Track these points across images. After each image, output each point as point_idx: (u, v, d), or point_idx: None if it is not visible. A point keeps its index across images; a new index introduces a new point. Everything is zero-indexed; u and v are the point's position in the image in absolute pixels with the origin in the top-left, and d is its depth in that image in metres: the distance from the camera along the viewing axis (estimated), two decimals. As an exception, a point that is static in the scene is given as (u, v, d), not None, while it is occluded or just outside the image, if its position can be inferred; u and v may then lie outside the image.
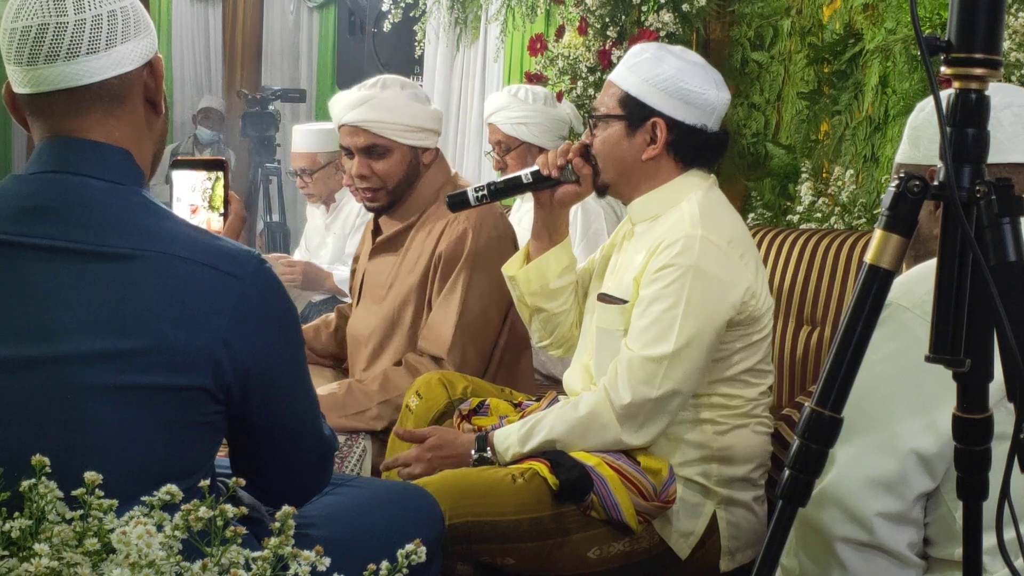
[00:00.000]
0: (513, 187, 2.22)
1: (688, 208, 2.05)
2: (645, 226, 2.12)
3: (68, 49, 1.31)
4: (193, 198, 1.62)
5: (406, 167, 2.66)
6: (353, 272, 2.97)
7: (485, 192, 2.18)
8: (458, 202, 2.20)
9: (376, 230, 2.81)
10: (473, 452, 2.11)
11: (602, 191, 2.19)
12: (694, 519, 2.05)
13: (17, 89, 1.36)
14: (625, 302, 2.07)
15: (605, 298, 2.13)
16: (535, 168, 2.18)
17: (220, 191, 1.61)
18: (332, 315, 3.04)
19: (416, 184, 2.68)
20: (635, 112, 2.08)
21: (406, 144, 2.64)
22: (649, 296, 2.00)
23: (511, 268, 2.32)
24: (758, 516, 2.13)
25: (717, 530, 2.07)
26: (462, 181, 2.78)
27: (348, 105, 2.63)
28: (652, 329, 1.98)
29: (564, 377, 2.28)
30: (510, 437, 2.08)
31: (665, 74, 2.06)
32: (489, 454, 2.10)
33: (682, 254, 1.98)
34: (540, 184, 2.19)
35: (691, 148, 2.09)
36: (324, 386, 2.63)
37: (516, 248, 2.57)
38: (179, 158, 1.68)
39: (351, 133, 2.63)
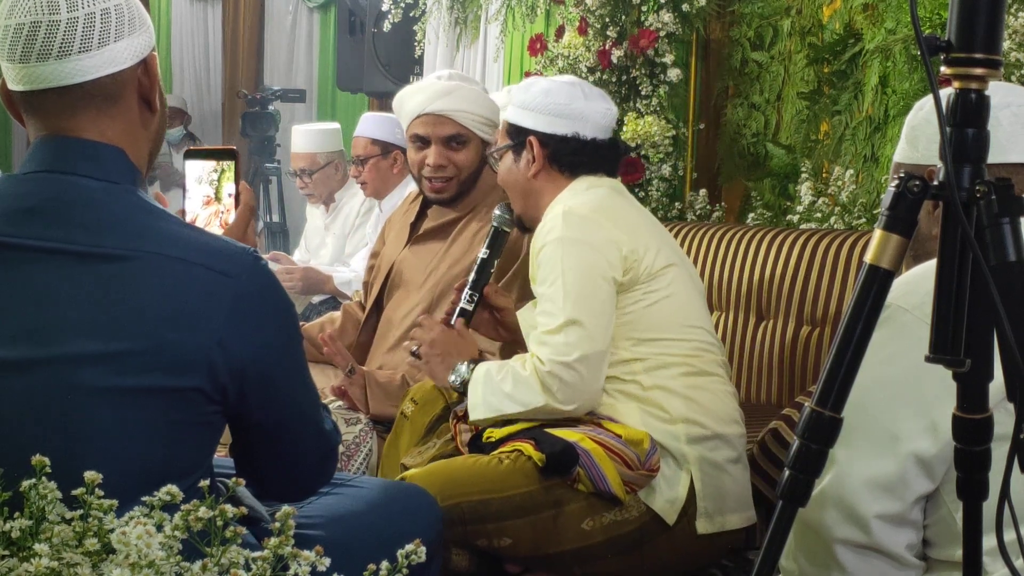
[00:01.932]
0: (482, 270, 2.36)
1: (561, 199, 2.20)
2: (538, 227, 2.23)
3: (60, 47, 1.31)
4: (200, 189, 1.61)
5: (479, 159, 2.72)
6: (371, 268, 2.97)
7: (471, 292, 2.34)
8: (460, 317, 2.33)
9: (417, 220, 2.83)
10: (468, 364, 2.20)
11: (520, 226, 2.36)
12: (675, 484, 2.10)
13: (11, 86, 1.36)
14: (533, 298, 2.21)
15: (519, 307, 2.27)
16: (483, 250, 2.37)
17: (226, 182, 1.60)
18: (337, 313, 3.04)
19: (478, 179, 2.73)
20: (515, 137, 2.27)
21: (480, 137, 2.71)
22: (537, 281, 2.15)
23: None
24: (737, 480, 2.16)
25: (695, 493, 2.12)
26: None
27: (434, 94, 2.68)
28: (545, 308, 2.11)
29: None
30: (477, 374, 2.16)
31: (532, 95, 2.25)
32: (467, 371, 2.19)
33: (549, 232, 2.12)
34: (495, 245, 2.37)
35: (569, 155, 2.24)
36: (382, 372, 2.65)
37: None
38: (191, 148, 1.67)
39: (434, 123, 2.67)
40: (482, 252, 2.35)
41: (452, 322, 2.33)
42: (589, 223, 2.11)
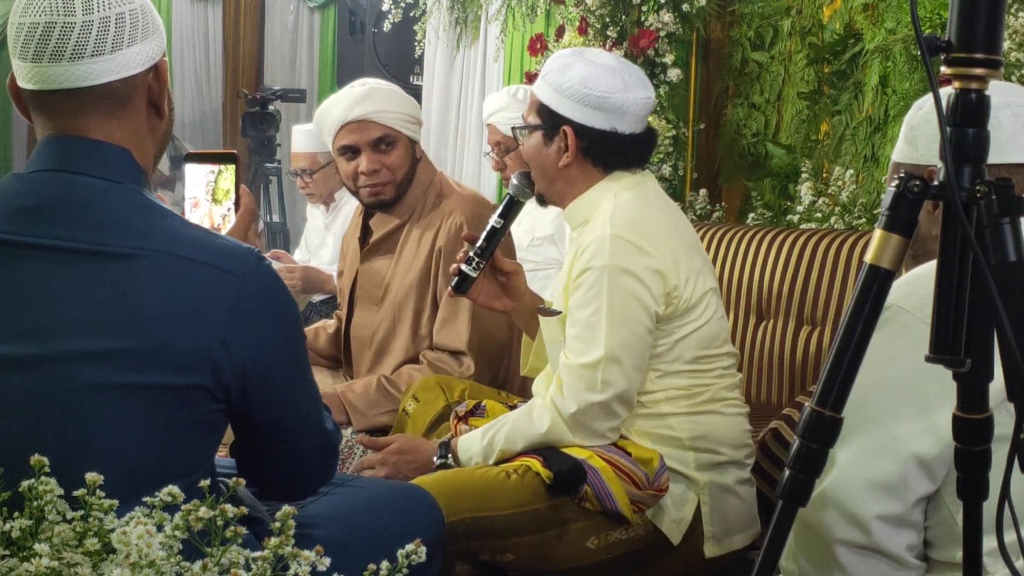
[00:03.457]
0: (492, 238, 2.21)
1: (605, 209, 2.07)
2: (578, 232, 2.14)
3: (73, 50, 1.31)
4: (198, 192, 1.61)
5: (410, 159, 2.70)
6: (341, 289, 2.98)
7: (477, 259, 2.18)
8: (462, 282, 2.20)
9: (364, 234, 2.82)
10: (436, 458, 2.14)
11: (540, 200, 2.24)
12: (682, 506, 2.07)
13: (21, 84, 1.36)
14: (560, 312, 2.11)
15: (542, 311, 2.18)
16: (495, 219, 2.20)
17: (224, 184, 1.60)
18: (331, 321, 3.05)
19: (413, 179, 2.71)
20: (547, 121, 2.12)
21: (407, 135, 2.68)
22: (574, 304, 2.04)
23: (528, 369, 2.35)
24: (744, 500, 2.14)
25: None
26: (447, 178, 2.80)
27: (352, 102, 2.65)
28: (582, 336, 2.02)
29: (535, 383, 2.29)
30: (472, 447, 2.11)
31: (570, 81, 2.08)
32: (451, 461, 2.13)
33: (596, 256, 2.01)
34: (510, 214, 2.21)
35: (605, 152, 2.11)
36: (359, 381, 2.64)
37: (510, 236, 2.63)
38: (192, 151, 1.67)
39: (358, 129, 2.64)
40: (494, 220, 2.21)
41: (452, 285, 2.21)
42: (638, 252, 2.01)
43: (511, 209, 2.22)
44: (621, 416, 2.04)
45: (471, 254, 2.19)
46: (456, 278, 2.20)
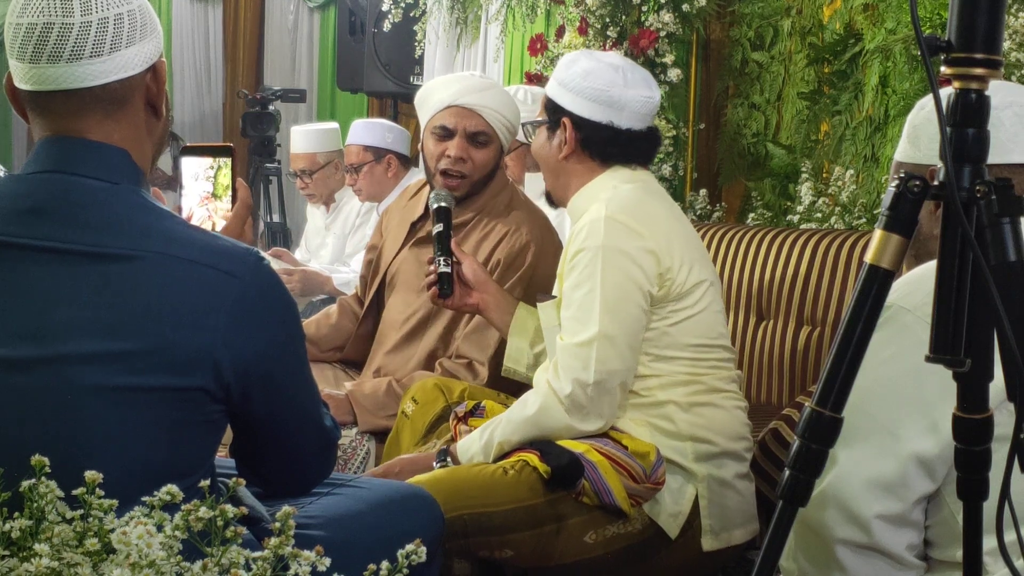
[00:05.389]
0: (441, 239, 2.37)
1: (602, 197, 2.11)
2: (577, 225, 2.17)
3: (72, 51, 1.30)
4: (197, 186, 1.62)
5: (495, 163, 2.70)
6: (369, 261, 2.96)
7: (440, 258, 2.34)
8: (443, 282, 2.33)
9: (419, 220, 2.81)
10: (436, 463, 2.14)
11: (550, 200, 2.30)
12: (679, 499, 2.08)
13: (18, 84, 1.36)
14: (555, 297, 2.15)
15: (540, 298, 2.22)
16: (435, 228, 2.37)
17: (223, 178, 1.61)
18: (333, 307, 3.04)
19: (488, 184, 2.70)
20: (552, 115, 2.19)
21: (501, 141, 2.69)
22: (569, 285, 2.08)
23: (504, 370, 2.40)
24: (743, 495, 2.14)
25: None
26: (517, 189, 2.80)
27: (468, 88, 2.65)
28: (576, 316, 2.05)
29: (535, 375, 2.29)
30: (472, 447, 2.12)
31: (572, 75, 2.15)
32: (452, 465, 2.13)
33: (589, 237, 2.05)
34: (448, 221, 2.38)
35: (602, 144, 2.15)
36: (368, 382, 2.64)
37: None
38: (188, 144, 1.67)
39: (463, 115, 2.63)
40: (436, 228, 2.35)
41: (440, 292, 2.32)
42: (631, 233, 2.04)
43: (440, 216, 2.38)
44: (618, 397, 2.04)
45: (437, 258, 2.32)
46: (436, 284, 2.31)
